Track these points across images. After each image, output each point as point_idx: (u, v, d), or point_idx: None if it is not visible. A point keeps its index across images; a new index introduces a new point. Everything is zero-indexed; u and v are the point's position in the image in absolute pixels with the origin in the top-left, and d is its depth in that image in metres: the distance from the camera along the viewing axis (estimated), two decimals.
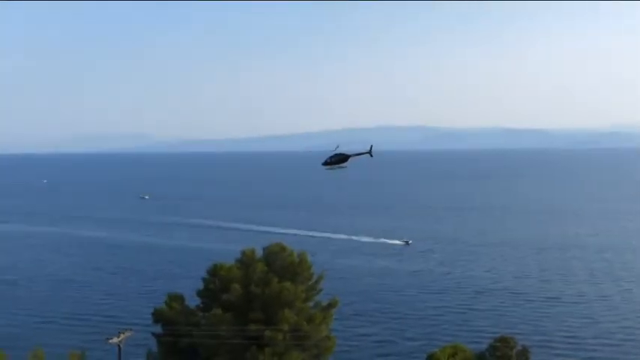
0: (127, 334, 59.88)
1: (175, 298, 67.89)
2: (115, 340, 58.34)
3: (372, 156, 64.41)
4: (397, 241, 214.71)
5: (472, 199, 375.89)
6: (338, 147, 69.73)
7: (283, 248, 69.27)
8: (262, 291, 64.01)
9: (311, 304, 68.23)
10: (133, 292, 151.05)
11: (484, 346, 72.35)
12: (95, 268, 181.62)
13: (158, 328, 67.37)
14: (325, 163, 68.81)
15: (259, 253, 69.68)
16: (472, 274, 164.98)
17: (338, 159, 67.62)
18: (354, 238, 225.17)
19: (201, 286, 69.11)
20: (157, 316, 67.01)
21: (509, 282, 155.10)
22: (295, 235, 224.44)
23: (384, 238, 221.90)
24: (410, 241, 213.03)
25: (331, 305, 68.45)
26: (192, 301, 69.03)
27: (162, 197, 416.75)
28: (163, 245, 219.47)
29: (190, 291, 71.00)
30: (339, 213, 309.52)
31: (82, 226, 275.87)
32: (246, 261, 68.23)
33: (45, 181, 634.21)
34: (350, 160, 67.03)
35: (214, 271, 67.78)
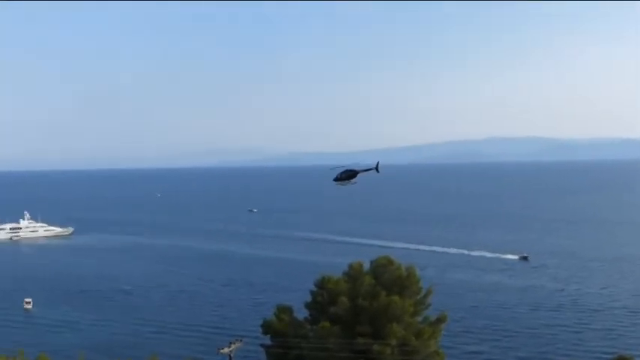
0: (238, 344, 61.54)
1: (284, 310, 69.11)
2: (226, 350, 60.10)
3: (378, 172, 65.01)
4: (513, 256, 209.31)
5: (589, 212, 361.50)
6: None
7: (391, 261, 69.19)
8: (370, 304, 64.21)
9: (419, 318, 67.74)
10: (243, 303, 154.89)
11: None
12: (206, 279, 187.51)
13: (267, 340, 68.79)
14: (336, 179, 69.76)
15: (366, 266, 69.91)
16: (588, 290, 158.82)
17: (348, 175, 68.42)
18: (465, 252, 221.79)
19: (309, 298, 70.05)
20: (266, 328, 68.44)
21: (627, 300, 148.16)
22: (403, 248, 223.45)
23: (499, 252, 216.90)
24: (528, 256, 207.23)
25: (440, 320, 67.76)
26: (301, 314, 70.14)
27: (271, 210, 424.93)
28: (272, 258, 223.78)
29: (299, 303, 72.13)
30: (450, 226, 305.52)
31: (194, 238, 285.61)
32: (353, 274, 68.62)
33: (159, 194, 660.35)
34: (358, 175, 67.75)
35: (322, 284, 68.56)
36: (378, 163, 63.89)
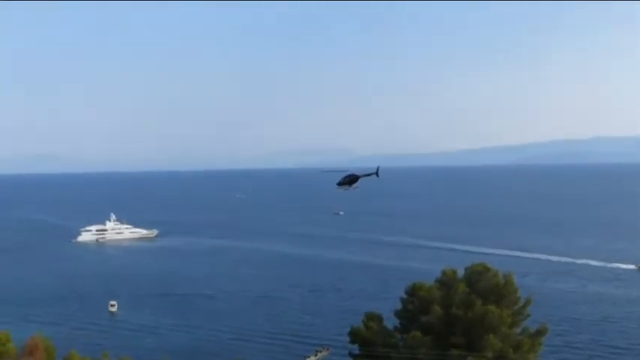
0: (324, 353, 62.05)
1: (373, 318, 69.03)
2: (312, 358, 60.63)
3: (378, 176, 65.86)
4: (627, 265, 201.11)
5: None
6: None
7: (487, 268, 68.13)
8: (464, 314, 63.36)
9: (517, 330, 66.43)
10: (330, 310, 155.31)
11: None
12: (291, 284, 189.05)
13: (355, 349, 68.86)
14: (339, 184, 70.99)
15: (461, 273, 69.10)
16: None
17: (350, 180, 69.59)
18: (568, 259, 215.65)
19: (399, 306, 69.74)
20: (354, 336, 68.52)
21: None
22: (500, 254, 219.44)
23: (607, 261, 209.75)
24: None
25: (540, 332, 66.23)
26: (390, 322, 69.85)
27: (358, 213, 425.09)
28: (360, 263, 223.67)
29: (388, 311, 71.85)
30: (552, 232, 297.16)
31: (278, 241, 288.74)
32: (446, 281, 67.92)
33: (243, 196, 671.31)
34: (360, 180, 68.81)
35: (413, 291, 68.16)
36: (378, 168, 65.53)
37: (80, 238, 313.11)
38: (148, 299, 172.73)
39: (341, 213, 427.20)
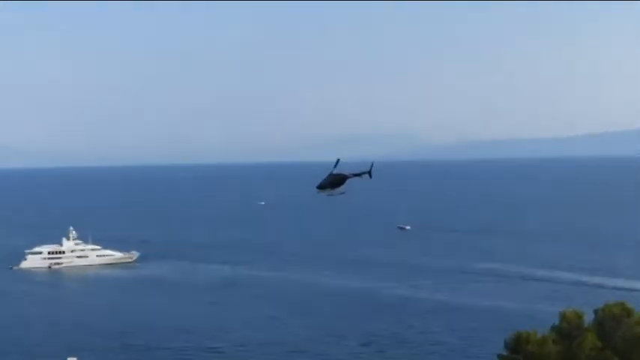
0: None
1: None
2: None
3: (371, 177, 66.51)
4: None
5: None
6: None
7: (628, 311, 67.69)
8: None
9: None
10: None
11: None
12: (335, 334, 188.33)
13: None
14: (320, 187, 70.88)
15: (589, 317, 68.70)
16: None
17: (332, 180, 69.64)
18: None
19: None
20: None
21: None
22: None
23: None
24: None
25: None
26: None
27: (431, 227, 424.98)
28: (435, 302, 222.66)
29: None
30: None
31: (316, 269, 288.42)
32: (567, 330, 67.57)
33: (262, 202, 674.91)
34: (348, 182, 69.13)
35: (518, 345, 67.97)
36: (372, 165, 66.29)
37: (25, 264, 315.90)
38: (121, 355, 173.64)
39: (407, 227, 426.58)
